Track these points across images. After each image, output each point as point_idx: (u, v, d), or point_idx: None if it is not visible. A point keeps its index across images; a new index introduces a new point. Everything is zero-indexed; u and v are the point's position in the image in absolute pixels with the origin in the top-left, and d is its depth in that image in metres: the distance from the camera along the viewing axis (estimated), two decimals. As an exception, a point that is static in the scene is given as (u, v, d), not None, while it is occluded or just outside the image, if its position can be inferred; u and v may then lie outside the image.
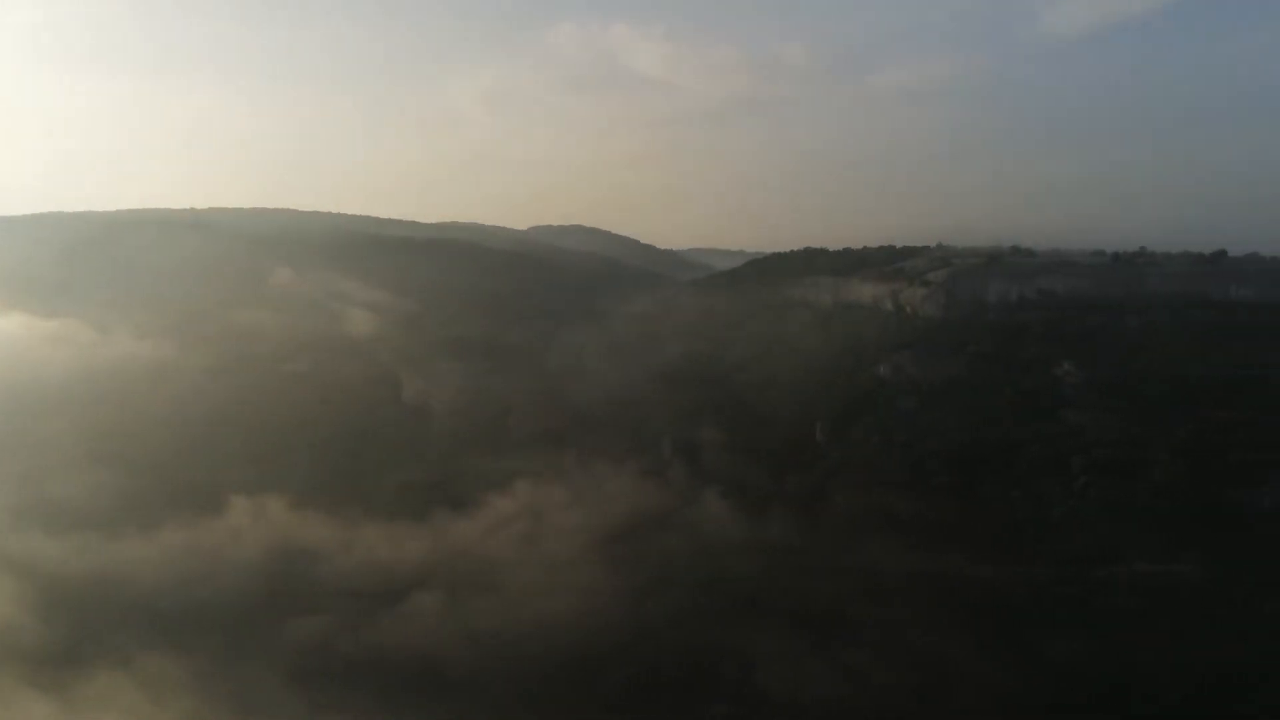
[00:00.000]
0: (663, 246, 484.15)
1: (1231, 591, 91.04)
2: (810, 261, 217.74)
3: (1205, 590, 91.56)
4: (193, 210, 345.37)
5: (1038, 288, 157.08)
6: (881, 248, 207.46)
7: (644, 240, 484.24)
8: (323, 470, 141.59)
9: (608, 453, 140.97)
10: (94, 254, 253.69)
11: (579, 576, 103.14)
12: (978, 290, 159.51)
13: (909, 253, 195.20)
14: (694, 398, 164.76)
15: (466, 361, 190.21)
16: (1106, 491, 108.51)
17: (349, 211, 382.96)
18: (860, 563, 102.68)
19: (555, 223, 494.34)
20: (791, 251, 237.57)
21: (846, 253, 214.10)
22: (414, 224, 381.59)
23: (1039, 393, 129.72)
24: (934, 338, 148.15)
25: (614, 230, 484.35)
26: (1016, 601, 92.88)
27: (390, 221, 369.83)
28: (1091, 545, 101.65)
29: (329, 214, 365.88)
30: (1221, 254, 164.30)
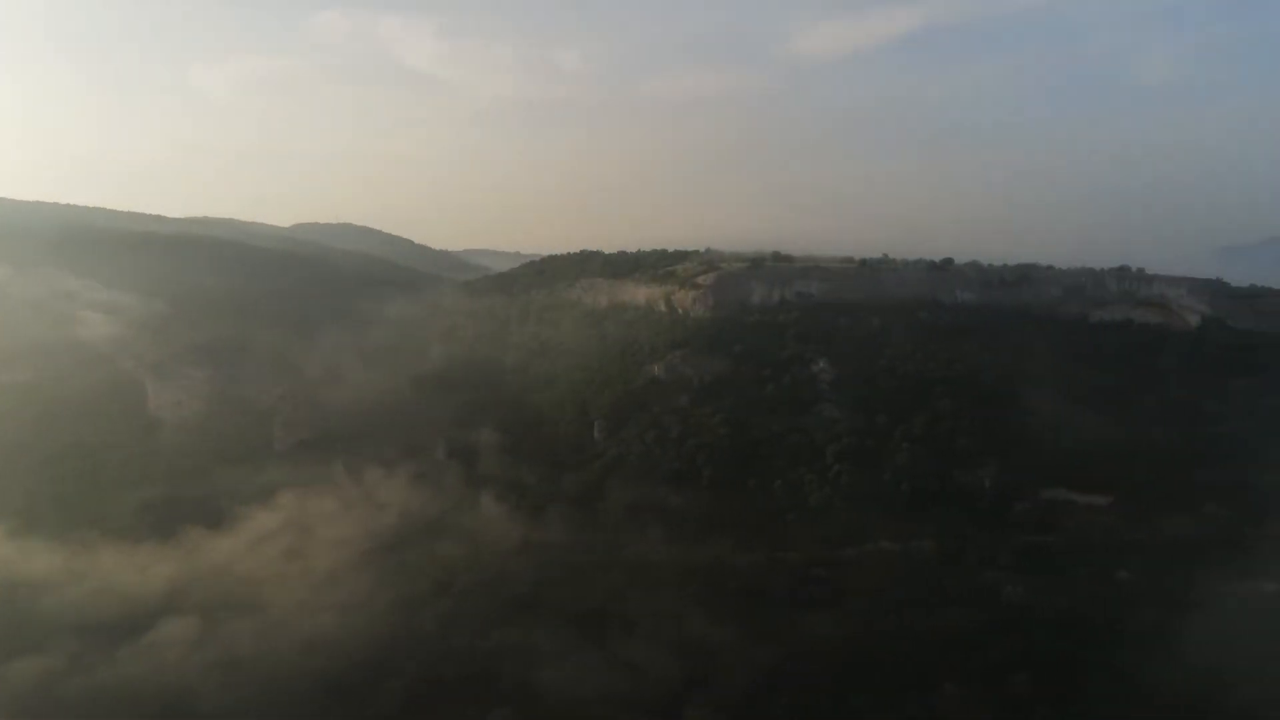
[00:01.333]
0: (438, 248, 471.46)
1: (959, 563, 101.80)
2: (586, 264, 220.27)
3: (937, 563, 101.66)
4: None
5: (796, 291, 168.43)
6: (654, 251, 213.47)
7: (418, 241, 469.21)
8: (49, 492, 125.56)
9: (379, 459, 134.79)
10: None
11: (349, 590, 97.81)
12: (742, 293, 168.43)
13: (680, 256, 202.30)
14: (470, 400, 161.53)
15: (219, 368, 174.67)
16: (856, 478, 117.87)
17: (78, 203, 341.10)
18: (635, 557, 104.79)
19: (323, 221, 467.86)
20: (568, 254, 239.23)
21: (621, 256, 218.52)
22: (159, 218, 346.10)
23: (797, 388, 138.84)
24: (703, 338, 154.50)
25: (387, 230, 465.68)
26: (778, 585, 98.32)
27: (128, 215, 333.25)
28: (843, 528, 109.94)
29: (52, 205, 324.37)
30: (949, 261, 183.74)
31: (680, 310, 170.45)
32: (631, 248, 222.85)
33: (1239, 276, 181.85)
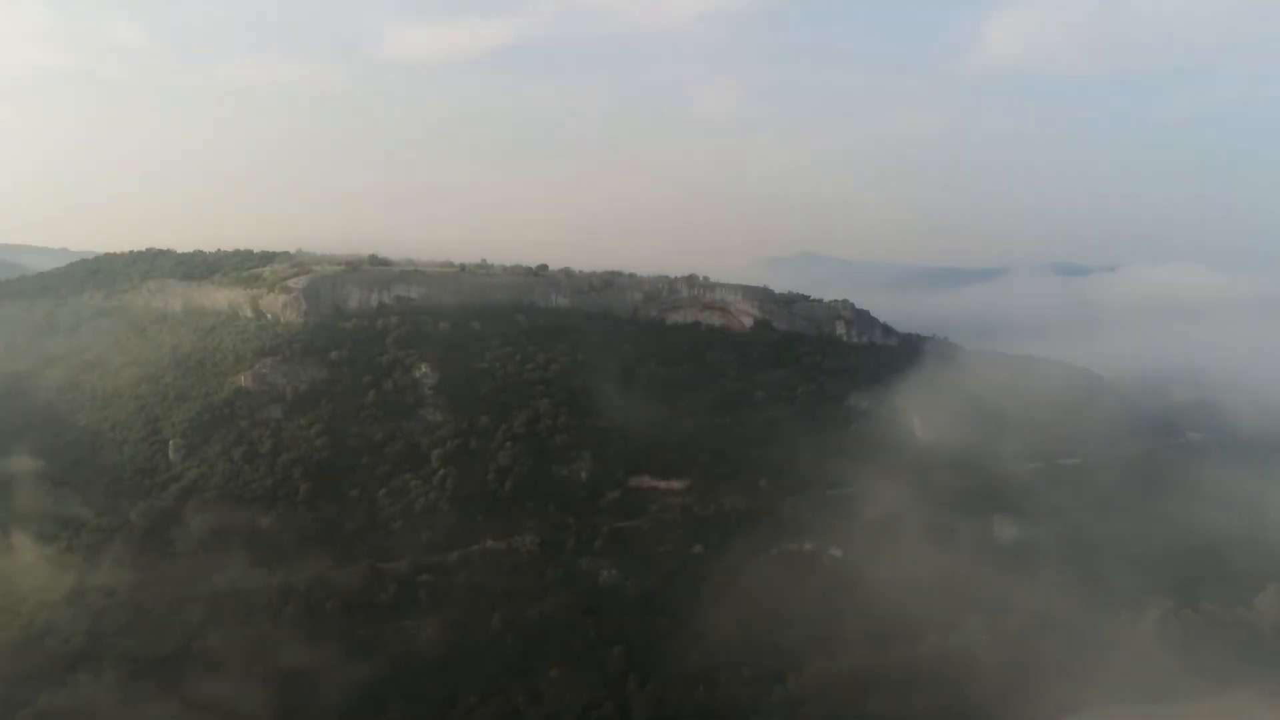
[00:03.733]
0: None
1: (559, 553, 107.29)
2: (154, 264, 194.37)
3: (539, 555, 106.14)
4: None
5: (395, 295, 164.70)
6: (237, 251, 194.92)
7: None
8: None
9: None
10: None
11: None
12: (338, 297, 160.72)
13: (266, 258, 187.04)
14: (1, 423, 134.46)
15: None
16: (461, 480, 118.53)
17: None
18: (221, 588, 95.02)
19: None
20: (130, 252, 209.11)
21: (198, 255, 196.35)
22: None
23: (400, 394, 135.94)
24: (296, 345, 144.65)
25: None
26: (382, 596, 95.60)
27: None
28: (450, 531, 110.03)
29: None
30: (544, 267, 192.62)
31: (269, 315, 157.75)
32: (209, 247, 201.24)
33: (781, 284, 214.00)
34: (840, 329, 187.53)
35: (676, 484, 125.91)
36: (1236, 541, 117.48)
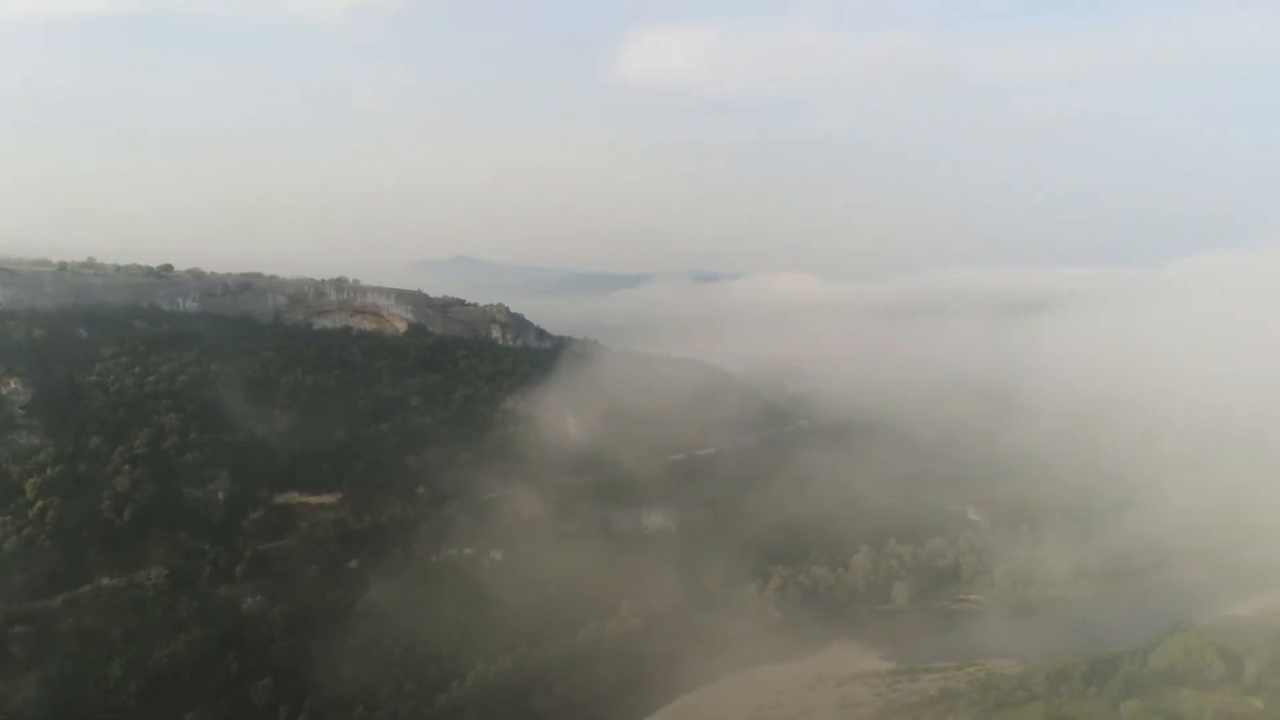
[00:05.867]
0: None
1: (193, 584, 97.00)
2: None
3: (169, 589, 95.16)
4: None
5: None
6: None
7: None
8: None
9: None
10: None
11: None
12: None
13: None
14: None
15: None
16: (66, 513, 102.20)
17: None
18: None
19: None
20: None
21: None
22: None
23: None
24: None
25: None
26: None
27: None
28: (52, 573, 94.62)
29: None
30: (169, 268, 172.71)
31: None
32: None
33: (435, 288, 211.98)
34: (496, 333, 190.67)
35: (328, 498, 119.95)
36: (837, 510, 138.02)
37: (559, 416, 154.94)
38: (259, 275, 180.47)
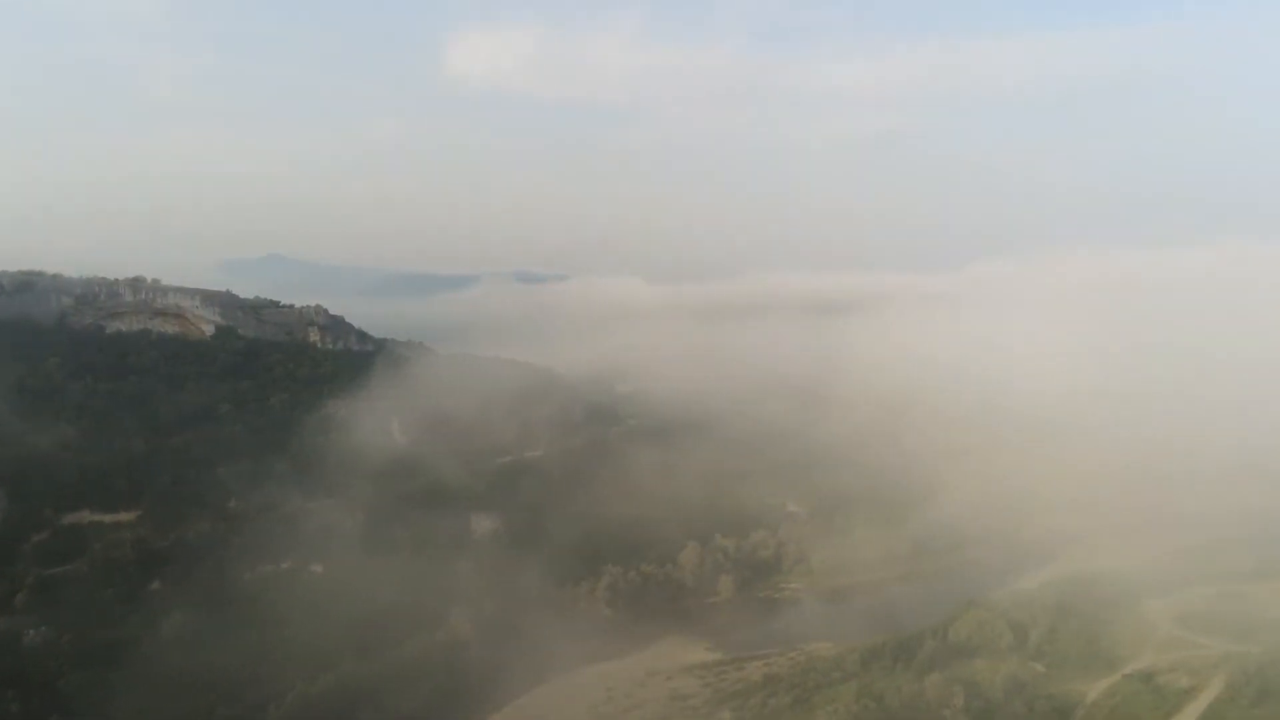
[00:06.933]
0: None
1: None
2: None
3: None
4: None
5: None
6: None
7: None
8: None
9: None
10: None
11: None
12: None
13: None
14: None
15: None
16: None
17: None
18: None
19: None
20: None
21: None
22: None
23: None
24: None
25: None
26: None
27: None
28: None
29: None
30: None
31: None
32: None
33: (245, 288, 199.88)
34: (314, 336, 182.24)
35: (125, 515, 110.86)
36: (664, 508, 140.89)
37: (382, 422, 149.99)
38: (40, 274, 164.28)
